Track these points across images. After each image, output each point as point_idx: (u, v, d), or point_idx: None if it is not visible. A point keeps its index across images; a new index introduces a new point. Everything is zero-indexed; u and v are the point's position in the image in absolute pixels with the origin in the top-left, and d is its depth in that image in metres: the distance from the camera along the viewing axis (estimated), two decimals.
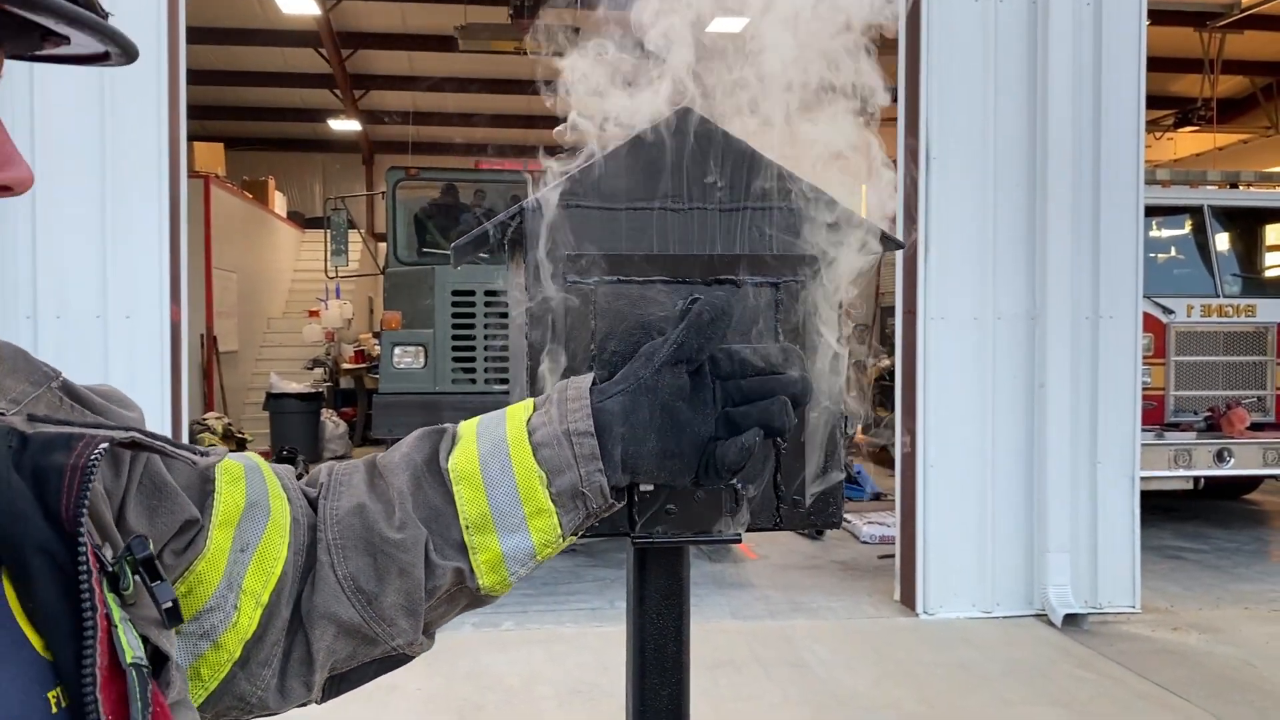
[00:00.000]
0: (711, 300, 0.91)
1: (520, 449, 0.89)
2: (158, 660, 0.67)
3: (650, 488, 0.95)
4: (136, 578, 0.65)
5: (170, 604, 0.66)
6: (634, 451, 0.88)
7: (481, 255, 1.18)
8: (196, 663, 0.81)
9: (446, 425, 0.94)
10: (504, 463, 0.89)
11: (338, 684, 0.90)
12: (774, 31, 1.05)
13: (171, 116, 5.39)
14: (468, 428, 0.93)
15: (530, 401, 0.93)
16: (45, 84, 5.22)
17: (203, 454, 0.74)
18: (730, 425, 0.89)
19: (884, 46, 1.08)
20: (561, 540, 0.90)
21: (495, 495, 0.88)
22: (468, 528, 0.88)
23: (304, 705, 0.88)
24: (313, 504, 0.90)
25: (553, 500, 0.88)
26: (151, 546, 0.66)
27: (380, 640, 0.87)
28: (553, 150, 1.05)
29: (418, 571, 0.87)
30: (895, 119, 6.07)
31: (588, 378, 0.92)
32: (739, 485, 0.98)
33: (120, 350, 5.36)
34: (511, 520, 0.88)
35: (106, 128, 5.31)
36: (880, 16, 1.04)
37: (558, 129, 1.04)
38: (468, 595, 0.91)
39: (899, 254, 4.62)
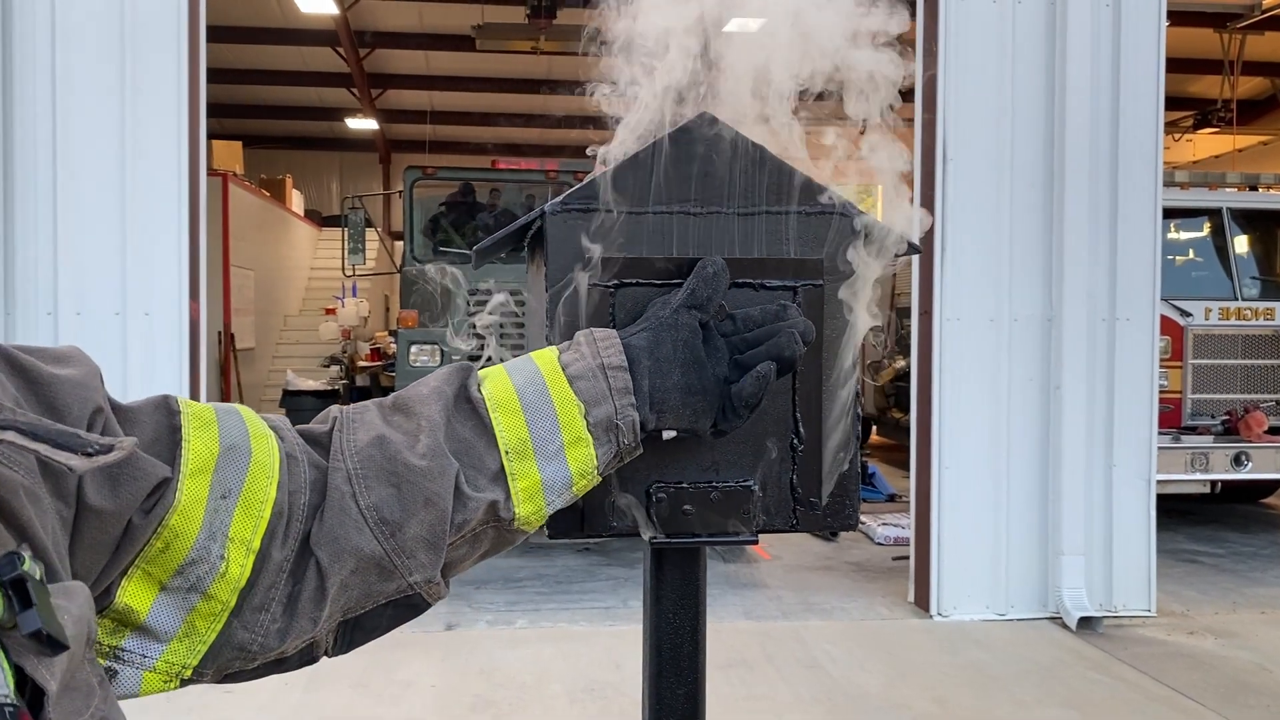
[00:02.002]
0: (713, 258, 0.98)
1: (556, 380, 0.91)
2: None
3: (673, 433, 0.95)
4: (5, 602, 0.56)
5: (37, 630, 0.56)
6: (660, 385, 0.92)
7: (499, 256, 1.20)
8: (190, 616, 0.78)
9: (471, 364, 0.95)
10: (541, 391, 0.91)
11: (351, 631, 0.87)
12: (790, 34, 1.06)
13: (191, 115, 5.43)
14: (494, 368, 0.95)
15: (553, 347, 0.96)
16: (67, 83, 5.27)
17: (100, 450, 0.63)
18: (743, 368, 0.95)
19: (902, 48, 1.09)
20: (596, 475, 0.92)
21: (534, 421, 0.90)
22: (507, 453, 0.89)
23: (310, 649, 0.85)
24: (317, 440, 0.89)
25: (589, 430, 0.90)
26: (27, 564, 0.57)
27: (397, 573, 0.85)
28: (574, 152, 1.06)
29: (444, 503, 0.85)
30: (912, 120, 6.05)
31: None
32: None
33: (139, 347, 5.40)
34: (550, 447, 0.90)
35: (127, 126, 5.35)
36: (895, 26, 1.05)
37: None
38: (494, 534, 0.90)
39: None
